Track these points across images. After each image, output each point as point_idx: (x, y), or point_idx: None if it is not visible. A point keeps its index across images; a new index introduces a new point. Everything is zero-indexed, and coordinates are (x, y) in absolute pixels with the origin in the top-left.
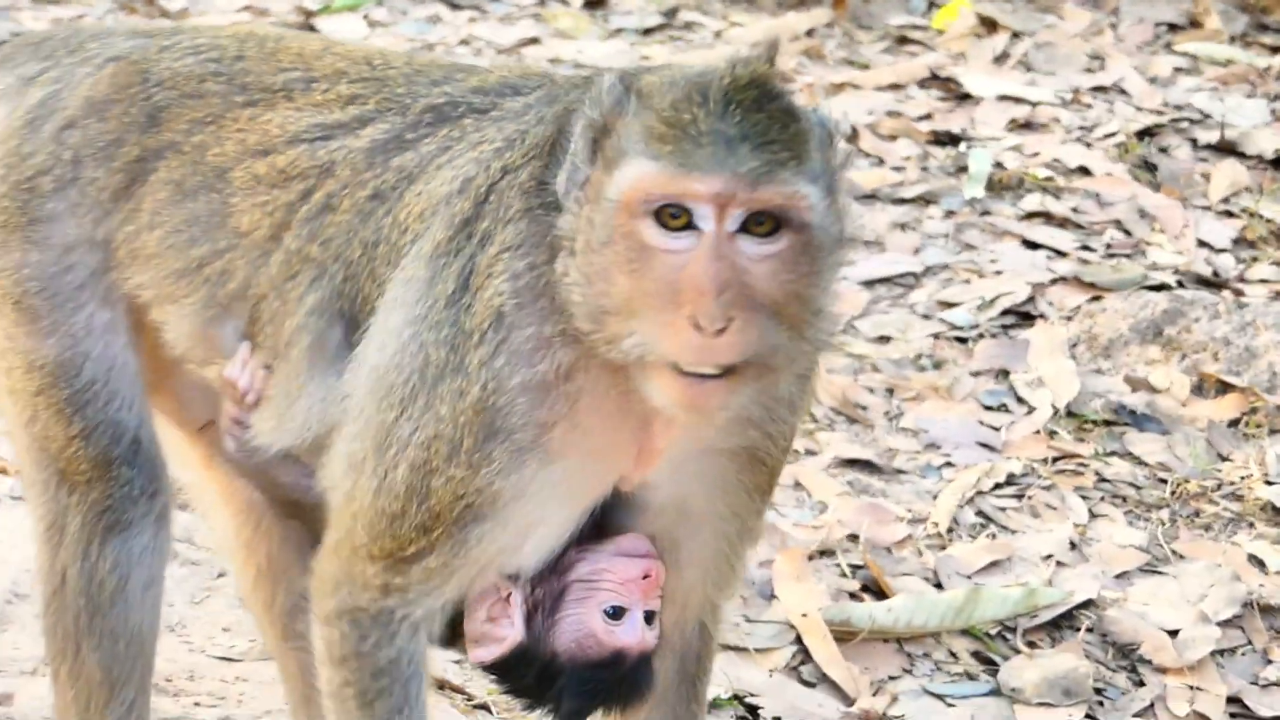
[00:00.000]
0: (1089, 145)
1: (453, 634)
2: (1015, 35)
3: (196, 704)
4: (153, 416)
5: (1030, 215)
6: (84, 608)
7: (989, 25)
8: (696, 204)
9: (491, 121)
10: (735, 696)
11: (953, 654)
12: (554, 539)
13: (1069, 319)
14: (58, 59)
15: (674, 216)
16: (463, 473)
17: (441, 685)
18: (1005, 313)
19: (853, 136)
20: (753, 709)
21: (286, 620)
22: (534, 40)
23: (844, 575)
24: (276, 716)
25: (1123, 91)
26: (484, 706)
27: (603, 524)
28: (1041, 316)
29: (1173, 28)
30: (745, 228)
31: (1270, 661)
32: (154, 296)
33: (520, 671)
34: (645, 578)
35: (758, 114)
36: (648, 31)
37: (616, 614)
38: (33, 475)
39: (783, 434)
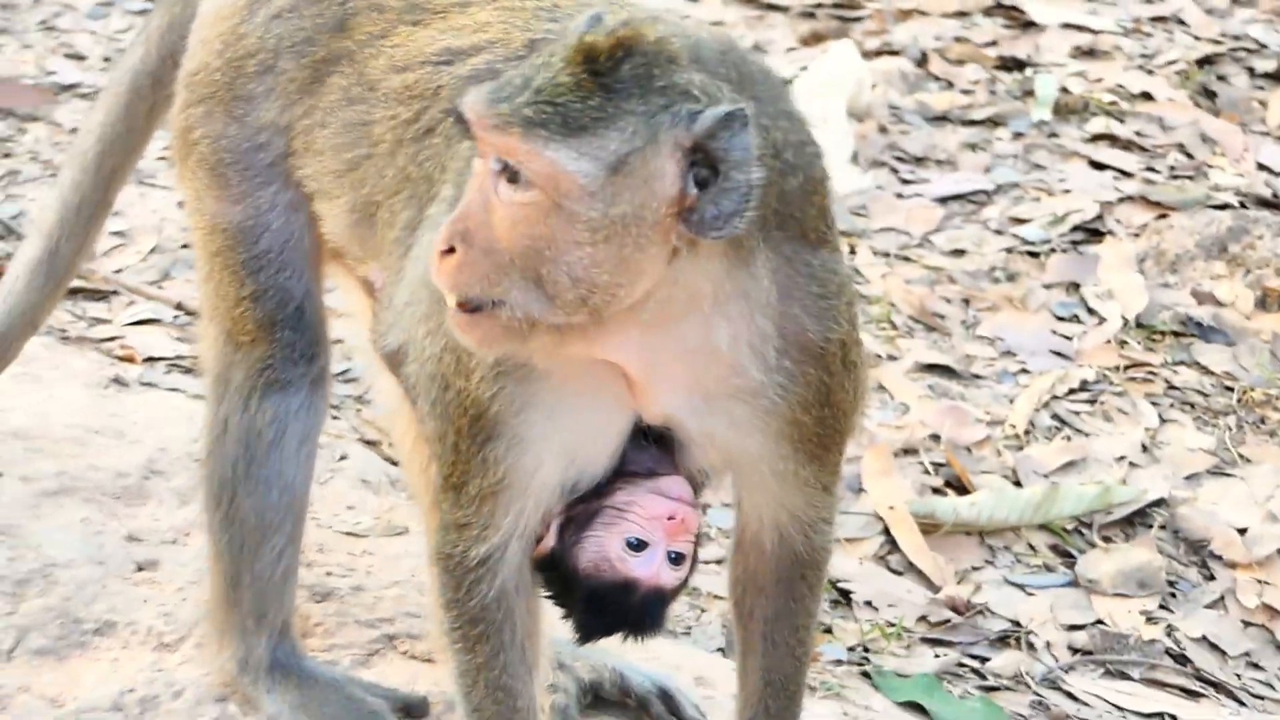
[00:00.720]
0: (1150, 73)
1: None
2: None
3: (328, 574)
4: (320, 289)
5: (1096, 138)
6: (241, 456)
7: None
8: (469, 132)
9: None
10: (830, 582)
11: (1032, 547)
12: (582, 465)
13: (1136, 235)
14: None
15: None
16: (464, 384)
17: None
18: (1075, 229)
19: (922, 60)
20: (845, 593)
21: None
22: None
23: (927, 473)
24: (404, 587)
25: (1181, 22)
26: None
27: (660, 465)
28: (1110, 233)
29: None
30: (510, 176)
31: None
32: (315, 190)
33: (549, 579)
34: (671, 519)
35: (567, 75)
36: None
37: (638, 546)
38: (206, 328)
39: (800, 384)
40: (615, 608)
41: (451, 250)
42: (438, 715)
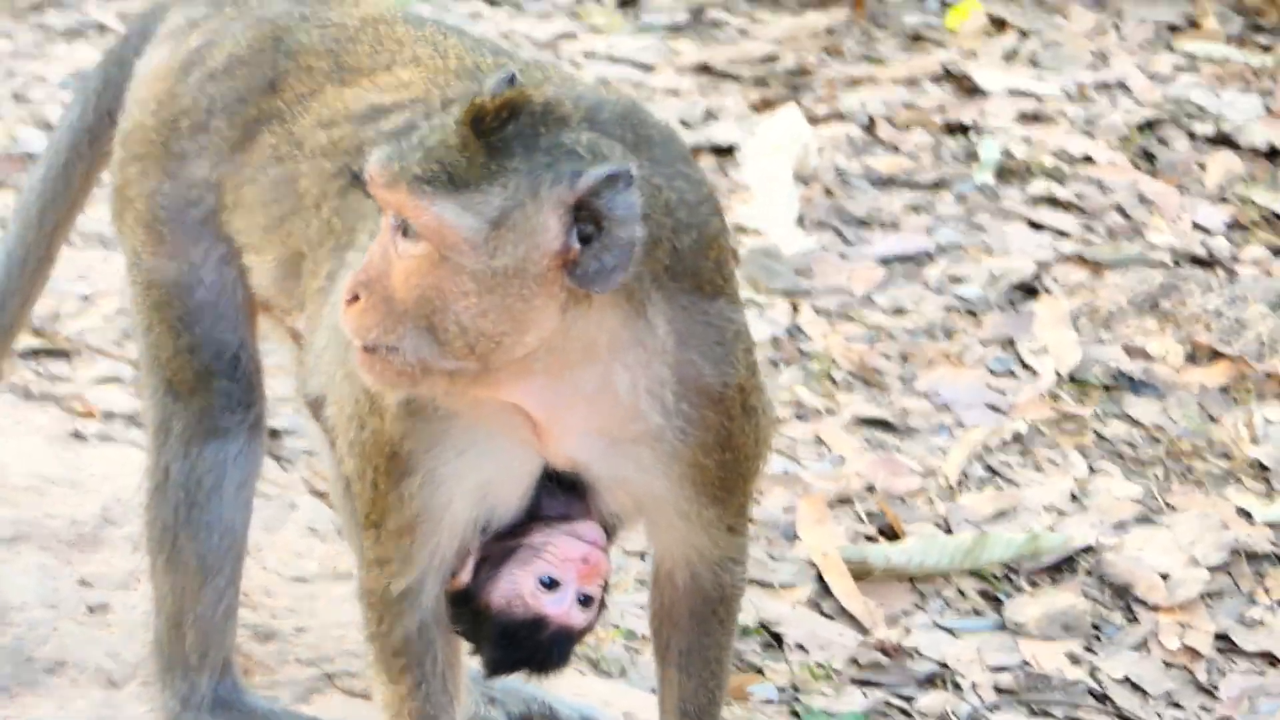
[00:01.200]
0: (1092, 136)
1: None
2: (1024, 34)
3: (273, 616)
4: (254, 340)
5: (1037, 200)
6: (183, 501)
7: (999, 25)
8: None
9: None
10: (761, 625)
11: (961, 592)
12: (495, 505)
13: (1071, 293)
14: (221, 9)
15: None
16: (378, 423)
17: None
18: (1012, 287)
19: (869, 126)
20: (777, 637)
21: None
22: (569, 35)
23: (861, 521)
24: (345, 629)
25: (1125, 87)
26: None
27: (573, 510)
28: (1046, 291)
29: (1173, 28)
30: (405, 231)
31: (1255, 603)
32: (245, 244)
33: (461, 614)
34: (584, 561)
35: (455, 136)
36: (676, 29)
37: (551, 585)
38: (146, 380)
39: (700, 428)
40: (524, 643)
41: (356, 298)
42: None
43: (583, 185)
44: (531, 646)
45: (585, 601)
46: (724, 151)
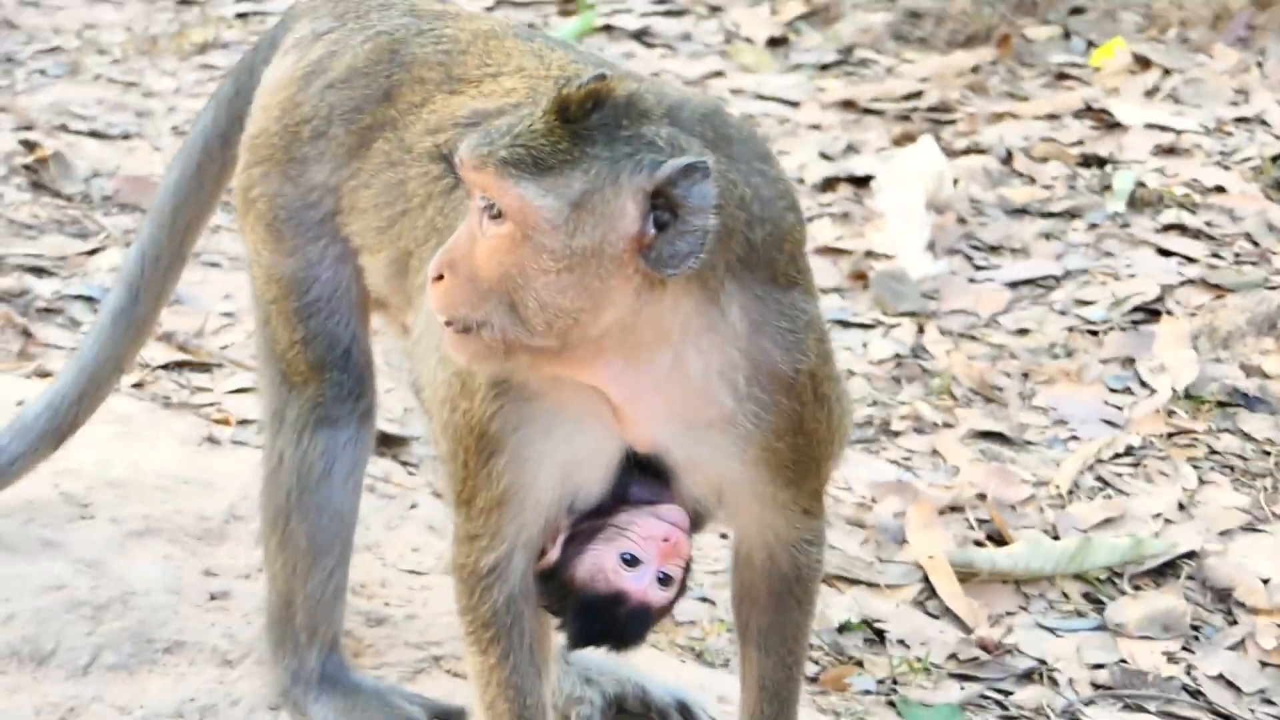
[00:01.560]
0: (1227, 168)
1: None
2: (1166, 72)
3: (386, 604)
4: (367, 335)
5: (1167, 228)
6: (295, 485)
7: (1143, 63)
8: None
9: None
10: (864, 622)
11: (1065, 595)
12: (580, 485)
13: (1193, 315)
14: (345, 21)
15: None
16: (468, 405)
17: None
18: (1135, 309)
19: (1007, 158)
20: (880, 633)
21: None
22: (719, 74)
23: (971, 528)
24: (455, 617)
25: (1263, 122)
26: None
27: (658, 495)
28: (1168, 313)
29: None
30: (492, 213)
31: None
32: (360, 245)
33: (548, 588)
34: (665, 540)
35: (542, 123)
36: (824, 67)
37: (632, 562)
38: (263, 370)
39: (772, 413)
40: (603, 618)
41: (441, 277)
42: None
43: (661, 174)
44: (610, 621)
45: (665, 581)
46: (860, 182)
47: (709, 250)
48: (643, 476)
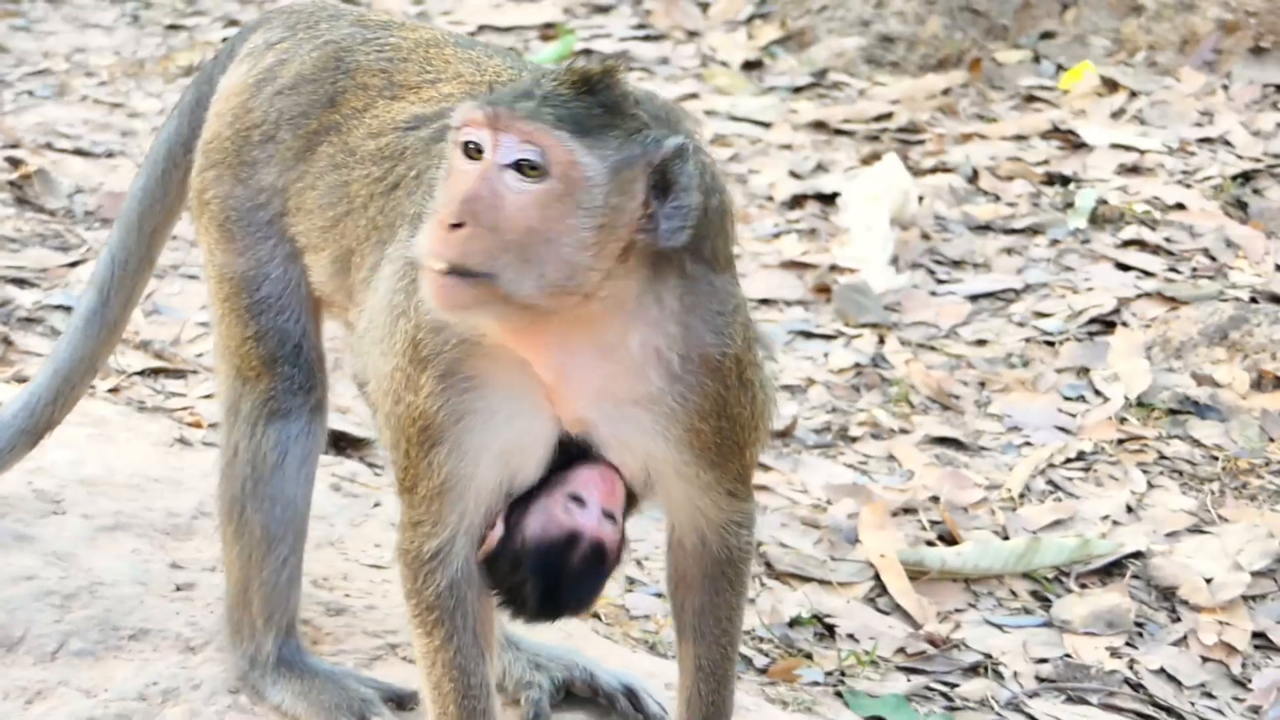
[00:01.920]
0: (1188, 186)
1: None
2: (1133, 94)
3: (346, 595)
4: (317, 330)
5: (1127, 244)
6: (249, 476)
7: (1111, 86)
8: (477, 132)
9: None
10: (815, 616)
11: (1013, 593)
12: (517, 469)
13: (1148, 326)
14: (295, 31)
15: (471, 148)
16: (411, 397)
17: None
18: (1092, 321)
19: (973, 177)
20: (829, 627)
21: None
22: (694, 95)
23: (923, 529)
24: None
25: (1226, 142)
26: (595, 614)
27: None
28: (1124, 324)
29: None
30: (519, 168)
31: None
32: (305, 244)
33: (497, 568)
34: (603, 479)
35: (568, 90)
36: (798, 90)
37: (578, 500)
38: (219, 365)
39: (698, 394)
40: (560, 564)
41: (459, 225)
42: (423, 709)
43: (664, 150)
44: (568, 567)
45: (609, 518)
46: (827, 199)
47: (693, 225)
48: (571, 461)
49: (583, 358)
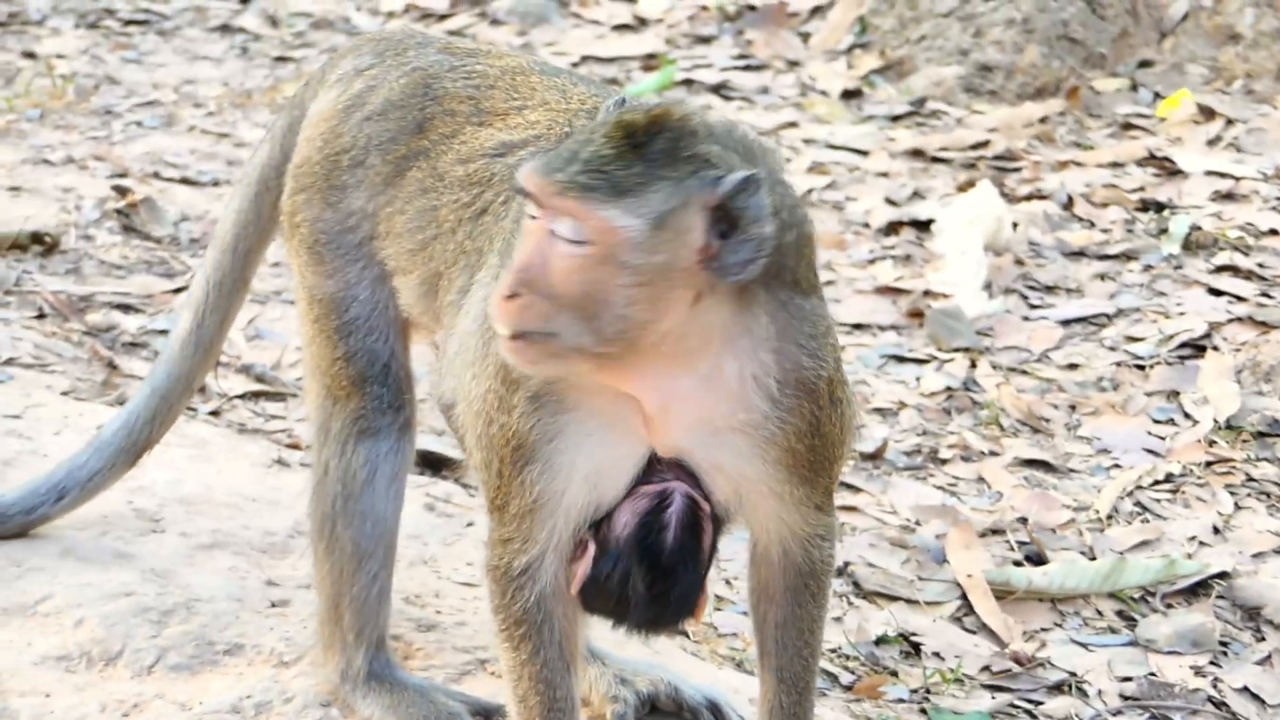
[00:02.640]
0: None
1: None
2: (1230, 122)
3: (438, 612)
4: (405, 351)
5: (1219, 269)
6: (340, 494)
7: (1207, 113)
8: (530, 198)
9: None
10: (901, 635)
11: (1099, 613)
12: (604, 489)
13: (1238, 350)
14: (384, 58)
15: (530, 209)
16: (505, 418)
17: None
18: (1182, 345)
19: (1068, 204)
20: (915, 646)
21: None
22: (793, 124)
23: (1010, 549)
24: None
25: None
26: (682, 632)
27: None
28: (1214, 349)
29: None
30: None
31: None
32: (394, 268)
33: (597, 591)
34: (677, 478)
35: (609, 148)
36: (896, 118)
37: (664, 496)
38: (309, 385)
39: (795, 416)
40: (662, 556)
41: (515, 295)
42: None
43: (722, 189)
44: (668, 551)
45: (691, 501)
46: (922, 225)
47: (768, 256)
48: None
49: (680, 388)
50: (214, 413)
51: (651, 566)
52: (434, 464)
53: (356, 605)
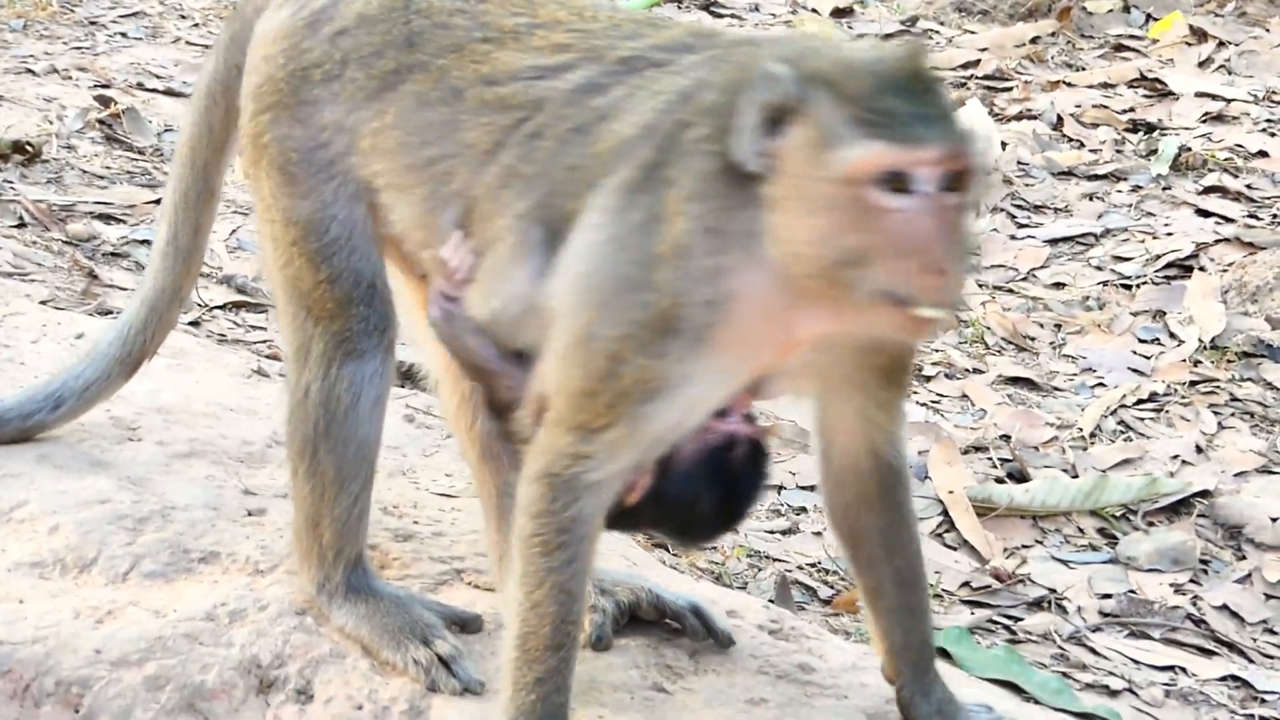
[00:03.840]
0: (1272, 135)
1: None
2: (1221, 44)
3: (415, 522)
4: (385, 268)
5: (1207, 190)
6: (322, 417)
7: (1199, 35)
8: (920, 170)
9: (667, 75)
10: None
11: (1080, 530)
12: (707, 414)
13: (1224, 271)
14: None
15: (896, 183)
16: (645, 361)
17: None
18: (1169, 265)
19: (1057, 124)
20: None
21: (485, 441)
22: None
23: (993, 466)
24: (481, 534)
25: None
26: (661, 545)
27: None
28: (1201, 269)
29: None
30: (954, 189)
31: None
32: (385, 184)
33: (669, 490)
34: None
35: (935, 97)
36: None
37: (722, 413)
38: (285, 308)
39: None
40: (729, 471)
41: (943, 271)
42: (488, 632)
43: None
44: (736, 471)
45: (749, 419)
46: None
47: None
48: None
49: None
50: (194, 323)
51: (722, 490)
52: (413, 376)
53: (337, 525)
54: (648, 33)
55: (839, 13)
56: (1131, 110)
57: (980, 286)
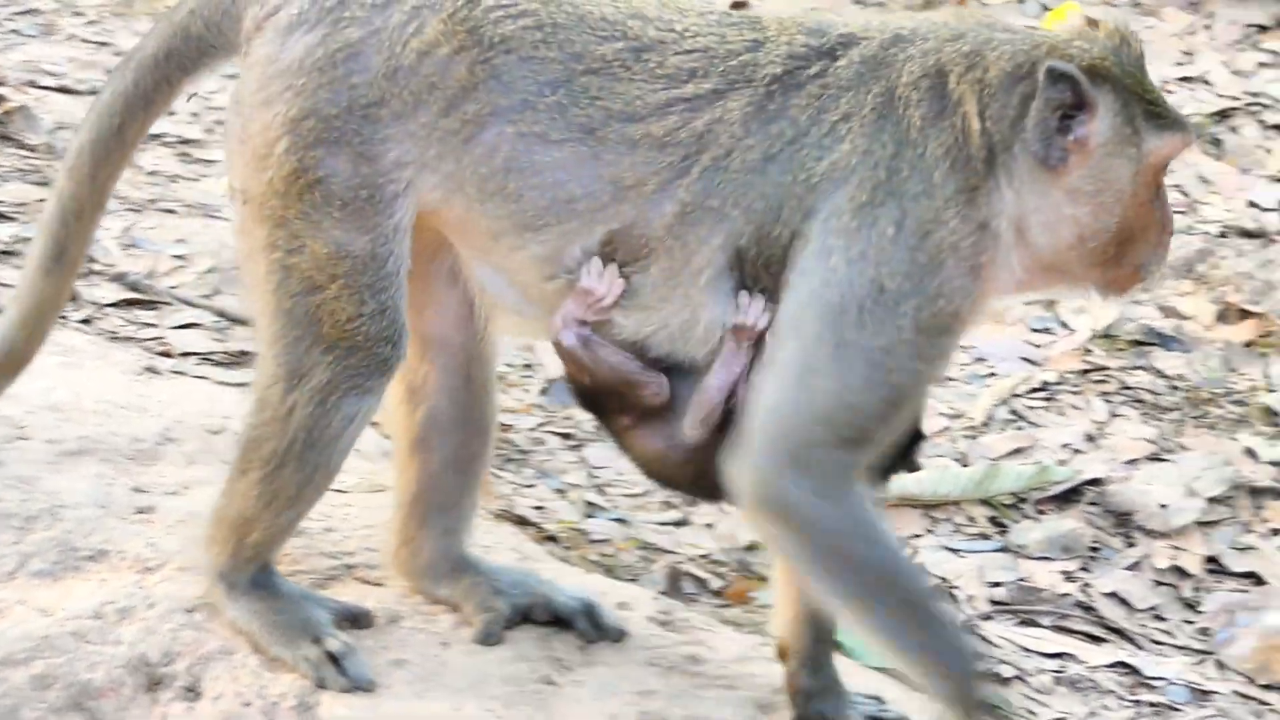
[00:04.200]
0: None
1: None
2: None
3: (306, 519)
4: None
5: None
6: (302, 439)
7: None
8: (1168, 158)
9: (841, 90)
10: None
11: (971, 519)
12: None
13: None
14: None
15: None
16: (920, 365)
17: (520, 520)
18: None
19: None
20: None
21: (423, 430)
22: None
23: None
24: (371, 530)
25: (1206, 82)
26: (552, 538)
27: None
28: None
29: (1262, 29)
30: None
31: (1250, 531)
32: (505, 227)
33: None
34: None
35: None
36: None
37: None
38: (284, 331)
39: None
40: None
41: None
42: (379, 628)
43: None
44: None
45: None
46: None
47: None
48: None
49: None
50: (85, 321)
51: None
52: None
53: (271, 532)
54: (759, 38)
55: (737, 5)
56: None
57: None
